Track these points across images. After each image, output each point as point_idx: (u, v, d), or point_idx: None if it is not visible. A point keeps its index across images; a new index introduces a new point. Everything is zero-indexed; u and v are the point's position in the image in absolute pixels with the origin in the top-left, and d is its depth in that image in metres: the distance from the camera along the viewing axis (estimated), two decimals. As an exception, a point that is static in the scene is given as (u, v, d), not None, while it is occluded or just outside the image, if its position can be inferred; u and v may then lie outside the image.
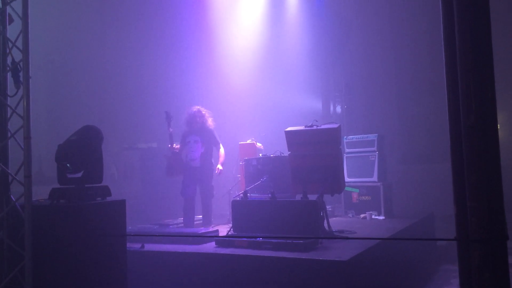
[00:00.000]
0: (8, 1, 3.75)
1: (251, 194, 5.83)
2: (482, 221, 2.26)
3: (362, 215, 7.15)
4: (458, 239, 2.44)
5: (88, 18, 8.86)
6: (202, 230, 5.51)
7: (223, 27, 9.44)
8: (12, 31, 3.77)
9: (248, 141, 7.46)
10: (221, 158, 6.45)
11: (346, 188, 7.01)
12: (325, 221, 5.34)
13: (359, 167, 7.53)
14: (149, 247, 4.92)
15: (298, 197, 5.77)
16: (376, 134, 7.59)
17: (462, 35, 2.39)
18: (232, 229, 5.39)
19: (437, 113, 9.18)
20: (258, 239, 4.65)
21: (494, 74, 2.36)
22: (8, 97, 3.78)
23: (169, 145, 6.39)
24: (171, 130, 6.38)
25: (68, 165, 3.79)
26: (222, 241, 4.82)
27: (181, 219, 6.47)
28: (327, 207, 5.83)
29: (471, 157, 2.32)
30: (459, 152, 2.41)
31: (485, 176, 2.28)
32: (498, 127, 2.45)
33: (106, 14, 9.05)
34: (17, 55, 3.65)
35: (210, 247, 4.78)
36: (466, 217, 2.36)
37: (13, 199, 3.62)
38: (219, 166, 6.40)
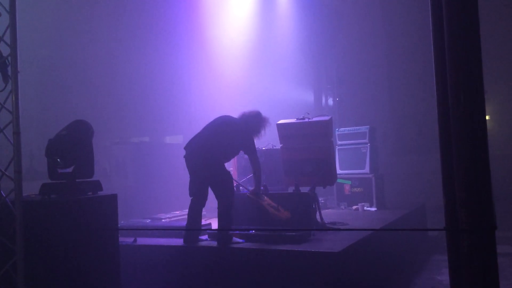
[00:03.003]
0: (-5, -6, 3.70)
1: (243, 187, 5.84)
2: (471, 211, 2.28)
3: (354, 207, 7.19)
4: (447, 229, 2.46)
5: (78, 11, 8.76)
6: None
7: (215, 20, 9.40)
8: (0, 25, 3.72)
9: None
10: None
11: (338, 180, 7.04)
12: (318, 213, 5.37)
13: (351, 159, 7.57)
14: (142, 241, 4.92)
15: (291, 189, 5.80)
16: (368, 126, 7.62)
17: (450, 27, 2.40)
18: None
19: (427, 104, 9.23)
20: (250, 231, 4.66)
21: (482, 66, 2.38)
22: (-3, 92, 3.75)
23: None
24: None
25: (58, 160, 3.78)
26: (215, 234, 4.83)
27: (175, 213, 6.47)
28: (320, 199, 5.86)
29: (460, 148, 2.34)
30: (448, 143, 2.43)
31: (474, 166, 2.30)
32: (487, 118, 2.47)
33: (96, 7, 8.96)
34: (5, 50, 3.62)
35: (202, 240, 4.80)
36: (455, 207, 2.38)
37: (3, 194, 3.60)
38: None
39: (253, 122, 5.04)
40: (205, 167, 4.72)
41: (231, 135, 4.87)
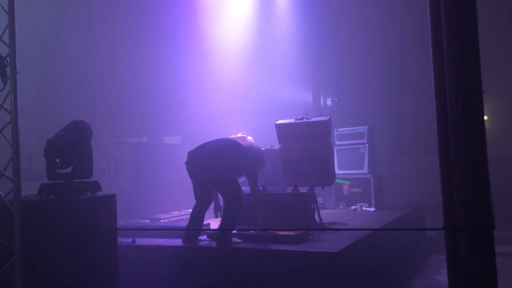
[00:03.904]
0: (-7, -5, 3.70)
1: (242, 188, 5.84)
2: (469, 211, 2.29)
3: (353, 207, 7.19)
4: (445, 228, 2.47)
5: (77, 11, 8.76)
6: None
7: (213, 20, 9.40)
8: (-2, 25, 3.72)
9: (239, 134, 7.45)
10: None
11: (337, 181, 7.04)
12: (316, 213, 5.37)
13: (350, 159, 7.57)
14: (140, 241, 4.91)
15: (289, 189, 5.80)
16: (366, 126, 7.62)
17: (449, 27, 2.40)
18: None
19: (426, 104, 9.25)
20: (249, 231, 4.66)
21: (481, 66, 2.38)
22: (-5, 93, 3.74)
23: None
24: None
25: (57, 160, 3.77)
26: (214, 235, 4.83)
27: (174, 213, 6.47)
28: (318, 199, 5.87)
29: (458, 147, 2.34)
30: (446, 142, 2.43)
31: (472, 166, 2.31)
32: (486, 118, 2.48)
33: (95, 7, 8.96)
34: (4, 50, 3.61)
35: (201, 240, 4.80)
36: (454, 206, 2.38)
37: (2, 195, 3.60)
38: None
39: (259, 158, 4.94)
40: (210, 171, 4.68)
41: (238, 157, 4.79)
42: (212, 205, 5.11)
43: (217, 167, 4.66)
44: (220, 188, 4.77)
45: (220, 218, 4.91)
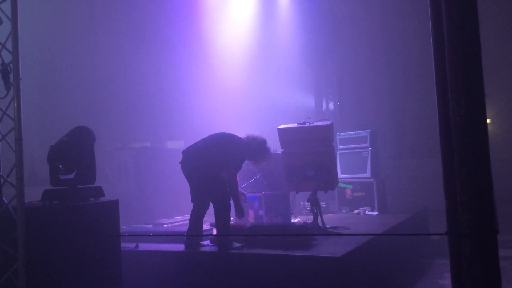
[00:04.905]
0: (-3, 2, 3.72)
1: (245, 192, 5.84)
2: (473, 215, 2.28)
3: (355, 211, 7.18)
4: (449, 233, 2.46)
5: (79, 17, 8.80)
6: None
7: (215, 24, 9.42)
8: (1, 32, 3.74)
9: (241, 139, 7.46)
10: None
11: (340, 185, 7.03)
12: (319, 218, 5.36)
13: (352, 163, 7.57)
14: (144, 246, 4.92)
15: (292, 195, 5.80)
16: (369, 130, 7.63)
17: (450, 30, 2.41)
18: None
19: (428, 108, 9.23)
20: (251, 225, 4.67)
21: (483, 69, 2.38)
22: (-1, 99, 3.76)
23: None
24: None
25: (60, 166, 3.79)
26: (216, 239, 4.82)
27: (177, 218, 6.48)
28: (321, 203, 5.86)
29: (461, 151, 2.34)
30: (449, 146, 2.43)
31: (475, 170, 2.30)
32: (488, 121, 2.47)
33: (97, 12, 8.99)
34: (7, 57, 3.63)
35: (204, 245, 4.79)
36: (457, 211, 2.38)
37: (5, 201, 3.60)
38: None
39: (254, 148, 4.90)
40: (197, 173, 4.71)
41: (229, 154, 4.78)
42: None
43: (202, 163, 4.68)
44: (207, 191, 4.76)
45: (240, 219, 4.94)
